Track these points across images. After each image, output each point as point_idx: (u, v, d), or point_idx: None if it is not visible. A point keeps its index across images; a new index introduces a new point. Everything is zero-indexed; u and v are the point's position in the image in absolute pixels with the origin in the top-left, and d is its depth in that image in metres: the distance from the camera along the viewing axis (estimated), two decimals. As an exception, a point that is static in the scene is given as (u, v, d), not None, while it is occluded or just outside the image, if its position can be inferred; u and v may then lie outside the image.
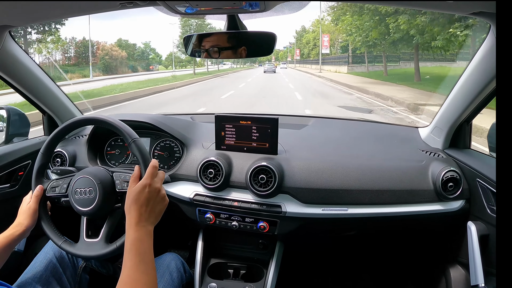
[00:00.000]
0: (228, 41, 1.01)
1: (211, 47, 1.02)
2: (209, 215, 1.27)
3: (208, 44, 1.03)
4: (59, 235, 1.02)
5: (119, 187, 1.01)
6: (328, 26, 35.86)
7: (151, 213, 0.84)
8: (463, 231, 1.18)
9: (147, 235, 0.81)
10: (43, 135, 1.61)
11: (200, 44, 1.03)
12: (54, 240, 1.01)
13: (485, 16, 0.83)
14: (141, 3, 0.87)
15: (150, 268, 0.78)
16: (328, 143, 1.40)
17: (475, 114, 1.21)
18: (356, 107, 9.09)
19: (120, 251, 0.96)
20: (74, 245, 1.00)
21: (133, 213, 0.82)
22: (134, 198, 0.84)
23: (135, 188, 0.85)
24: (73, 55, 33.71)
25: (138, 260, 0.77)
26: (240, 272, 1.37)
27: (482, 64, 1.03)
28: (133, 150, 0.97)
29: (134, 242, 0.79)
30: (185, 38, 1.04)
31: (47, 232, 1.02)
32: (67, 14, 1.16)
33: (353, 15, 16.57)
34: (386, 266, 1.81)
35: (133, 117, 1.38)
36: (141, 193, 0.84)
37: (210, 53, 1.03)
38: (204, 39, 1.03)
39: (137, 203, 0.83)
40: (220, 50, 1.02)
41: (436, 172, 1.20)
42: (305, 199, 1.20)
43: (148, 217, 0.83)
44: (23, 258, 1.34)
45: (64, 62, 32.10)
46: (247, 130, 1.27)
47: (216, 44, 1.02)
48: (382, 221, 1.23)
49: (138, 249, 0.78)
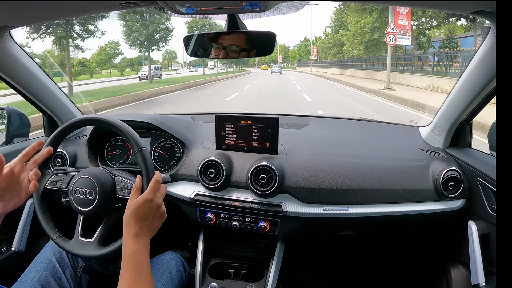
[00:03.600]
0: (228, 41, 1.01)
1: (211, 47, 1.03)
2: (210, 215, 1.27)
3: (208, 45, 1.03)
4: (55, 229, 1.02)
5: (120, 193, 1.01)
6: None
7: (150, 227, 0.86)
8: (464, 230, 1.17)
9: (145, 247, 0.84)
10: (44, 136, 1.61)
11: (201, 44, 1.03)
12: (49, 233, 1.01)
13: (485, 16, 0.83)
14: (141, 3, 0.87)
15: (147, 279, 0.80)
16: (329, 143, 1.40)
17: (475, 113, 1.21)
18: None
19: (113, 256, 0.96)
20: (67, 241, 1.00)
21: (132, 226, 0.84)
22: (135, 211, 0.85)
23: (137, 201, 0.86)
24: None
25: (137, 271, 0.79)
26: (240, 272, 1.37)
27: (482, 63, 1.02)
28: (138, 160, 0.96)
29: (133, 254, 0.81)
30: (185, 38, 1.04)
31: (42, 225, 1.02)
32: (67, 14, 1.17)
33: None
34: (387, 266, 1.81)
35: (134, 117, 1.38)
36: (141, 207, 0.85)
37: (209, 53, 1.03)
38: (205, 39, 1.03)
39: (137, 217, 0.84)
40: (220, 50, 1.02)
41: (436, 171, 1.20)
42: (306, 199, 1.20)
43: (147, 231, 0.85)
44: (24, 259, 1.34)
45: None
46: (248, 130, 1.27)
47: (216, 44, 1.02)
48: (383, 220, 1.23)
49: (136, 261, 0.81)
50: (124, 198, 1.00)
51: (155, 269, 1.13)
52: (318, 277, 1.82)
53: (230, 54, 1.02)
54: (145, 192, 0.87)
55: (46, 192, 1.04)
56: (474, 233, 1.11)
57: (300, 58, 61.08)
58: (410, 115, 7.96)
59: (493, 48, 0.94)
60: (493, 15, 0.82)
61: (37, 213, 1.03)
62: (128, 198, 0.96)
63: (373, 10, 19.53)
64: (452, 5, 0.85)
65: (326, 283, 1.80)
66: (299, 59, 61.92)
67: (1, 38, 1.10)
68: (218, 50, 1.01)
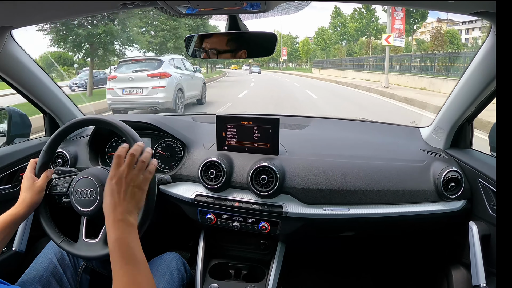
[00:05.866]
0: (229, 42, 1.01)
1: (211, 48, 1.03)
2: (211, 215, 1.27)
3: (208, 45, 1.03)
4: (59, 233, 1.02)
5: None
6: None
7: (131, 204, 0.79)
8: (465, 231, 1.17)
9: (129, 227, 0.76)
10: (44, 136, 1.62)
11: (201, 44, 1.04)
12: (54, 239, 1.01)
13: (485, 16, 0.83)
14: (142, 4, 0.87)
15: (142, 268, 0.73)
16: (329, 144, 1.40)
17: (476, 114, 1.21)
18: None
19: None
20: (73, 244, 1.00)
21: (110, 213, 0.77)
22: (107, 194, 0.79)
23: (107, 184, 0.81)
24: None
25: (125, 261, 0.72)
26: (241, 273, 1.37)
27: (483, 64, 1.02)
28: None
29: (116, 241, 0.73)
30: (186, 38, 1.04)
31: (46, 230, 1.02)
32: (68, 15, 1.17)
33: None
34: (388, 267, 1.81)
35: (135, 118, 1.38)
36: (113, 189, 0.79)
37: (210, 54, 1.03)
38: (205, 39, 1.03)
39: (111, 201, 0.78)
40: (220, 51, 1.02)
41: (437, 172, 1.20)
42: (307, 200, 1.20)
43: (130, 209, 0.78)
44: (25, 259, 1.34)
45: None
46: (248, 131, 1.27)
47: (217, 45, 1.03)
48: (384, 221, 1.22)
49: (120, 247, 0.73)
50: None
51: (156, 269, 1.13)
52: (319, 278, 1.82)
53: (230, 55, 1.02)
54: (115, 169, 0.81)
55: (47, 198, 1.04)
56: (475, 234, 1.11)
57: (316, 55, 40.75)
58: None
59: (494, 48, 0.94)
60: (493, 16, 0.82)
61: (40, 220, 1.03)
62: None
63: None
64: (452, 6, 0.85)
65: (326, 284, 1.80)
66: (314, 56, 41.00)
67: (2, 38, 1.11)
68: (218, 51, 1.01)
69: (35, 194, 0.99)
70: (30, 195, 0.98)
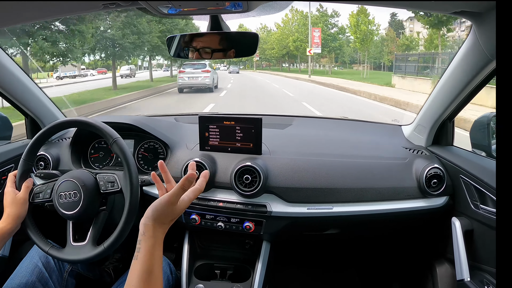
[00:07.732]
0: (212, 42, 1.01)
1: (195, 48, 1.02)
2: (195, 216, 1.26)
3: (192, 45, 1.03)
4: (46, 241, 1.01)
5: (103, 188, 1.01)
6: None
7: (166, 223, 0.81)
8: (448, 227, 1.19)
9: (159, 241, 0.78)
10: (26, 138, 1.59)
11: (184, 44, 1.03)
12: (41, 247, 1.00)
13: (466, 16, 0.84)
14: (123, 3, 0.86)
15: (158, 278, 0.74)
16: (312, 142, 1.41)
17: (457, 112, 1.23)
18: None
19: (109, 252, 0.96)
20: (61, 250, 0.99)
21: (150, 229, 0.77)
22: (153, 214, 0.78)
23: (158, 203, 0.79)
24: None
25: (148, 271, 0.73)
26: (227, 273, 1.36)
27: (463, 62, 1.03)
28: (117, 151, 0.97)
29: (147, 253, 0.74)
30: (168, 38, 1.04)
31: (33, 239, 1.01)
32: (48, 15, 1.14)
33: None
34: (373, 263, 1.83)
35: (116, 119, 1.37)
36: (162, 210, 0.79)
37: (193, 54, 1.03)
38: (188, 40, 1.02)
39: (155, 220, 0.78)
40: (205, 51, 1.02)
41: (419, 169, 1.22)
42: (290, 199, 1.20)
43: (163, 227, 0.80)
44: (8, 264, 1.31)
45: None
46: (231, 131, 1.27)
47: (200, 45, 1.02)
48: (367, 218, 1.23)
49: (148, 259, 0.74)
50: (109, 192, 1.00)
51: None
52: (304, 274, 1.83)
53: (212, 55, 1.02)
54: (169, 194, 0.80)
55: (30, 207, 1.03)
56: (458, 229, 1.13)
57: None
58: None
59: (474, 47, 0.95)
60: (474, 15, 0.83)
61: (27, 231, 1.01)
62: (113, 191, 0.99)
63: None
64: (433, 5, 0.86)
65: (312, 280, 1.81)
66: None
67: None
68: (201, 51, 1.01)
69: (19, 207, 0.98)
70: (14, 209, 0.97)
